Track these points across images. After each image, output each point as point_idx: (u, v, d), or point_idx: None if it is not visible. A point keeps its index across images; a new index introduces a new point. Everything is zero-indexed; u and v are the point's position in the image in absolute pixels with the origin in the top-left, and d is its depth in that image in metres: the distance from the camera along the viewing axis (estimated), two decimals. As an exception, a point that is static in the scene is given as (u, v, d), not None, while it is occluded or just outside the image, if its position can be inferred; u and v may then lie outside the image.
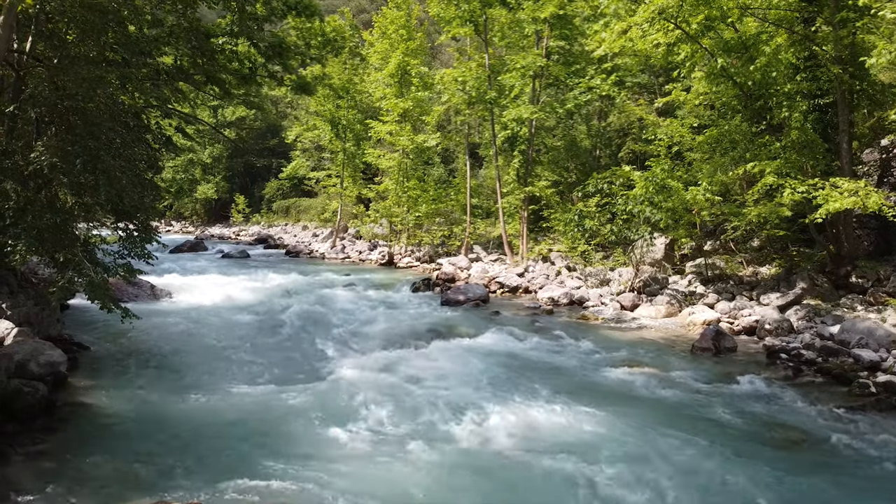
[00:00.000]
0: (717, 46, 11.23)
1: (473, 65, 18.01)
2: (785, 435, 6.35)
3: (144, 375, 7.61)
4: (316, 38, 12.06)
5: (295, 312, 11.28)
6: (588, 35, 14.00)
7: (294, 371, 7.96)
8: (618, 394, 7.39)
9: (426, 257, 21.11)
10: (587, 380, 7.92)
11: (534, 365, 8.49)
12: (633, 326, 11.04)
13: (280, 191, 40.23)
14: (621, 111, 20.72)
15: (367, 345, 9.37)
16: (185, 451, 5.37)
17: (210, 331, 10.10)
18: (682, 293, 12.30)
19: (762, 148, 11.33)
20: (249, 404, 6.66)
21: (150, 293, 13.20)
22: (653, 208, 11.72)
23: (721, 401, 7.18)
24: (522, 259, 17.44)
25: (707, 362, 8.79)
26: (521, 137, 18.24)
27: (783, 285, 11.71)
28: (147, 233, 8.76)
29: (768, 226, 11.08)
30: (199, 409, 6.50)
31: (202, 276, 16.29)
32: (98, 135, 7.29)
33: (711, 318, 10.71)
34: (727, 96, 12.22)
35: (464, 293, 13.39)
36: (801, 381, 8.01)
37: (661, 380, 7.87)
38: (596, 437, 6.00)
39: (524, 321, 11.39)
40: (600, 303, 12.80)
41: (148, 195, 8.51)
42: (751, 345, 9.83)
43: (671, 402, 7.09)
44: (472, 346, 9.36)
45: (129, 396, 6.73)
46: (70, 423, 5.78)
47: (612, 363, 8.52)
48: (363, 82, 25.63)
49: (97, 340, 9.15)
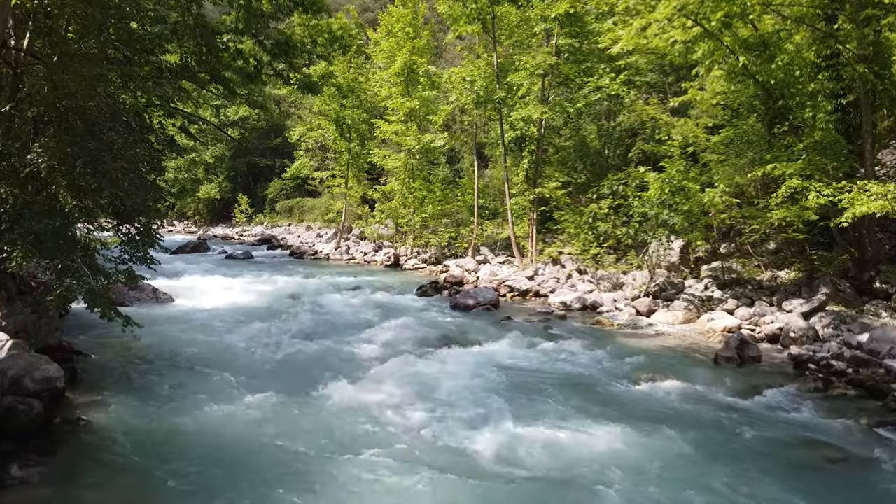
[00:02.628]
0: (737, 44, 10.87)
1: (482, 63, 17.65)
2: (821, 454, 6.01)
3: (146, 387, 7.29)
4: (323, 36, 11.72)
5: (300, 318, 10.97)
6: (602, 32, 13.61)
7: (301, 384, 7.61)
8: (641, 408, 7.05)
9: (432, 259, 20.77)
10: (607, 392, 7.57)
11: (551, 376, 8.15)
12: (651, 333, 10.69)
13: (283, 191, 39.93)
14: (630, 111, 20.35)
15: (375, 354, 9.03)
16: (189, 474, 5.05)
17: (214, 337, 9.78)
18: (698, 298, 11.95)
19: (784, 149, 10.97)
20: (256, 420, 6.33)
21: (153, 296, 12.90)
22: (670, 210, 11.36)
23: (750, 416, 6.83)
24: (532, 262, 17.09)
25: (731, 373, 8.44)
26: (529, 137, 17.88)
27: (805, 291, 11.35)
28: (149, 236, 8.44)
29: (790, 229, 10.71)
30: (202, 426, 6.17)
31: (205, 278, 16.00)
32: (99, 135, 6.98)
33: (731, 324, 10.36)
34: (746, 96, 11.86)
35: (473, 297, 13.05)
36: (833, 394, 7.64)
37: (686, 393, 7.52)
38: (620, 456, 5.66)
39: (537, 327, 11.05)
40: (615, 308, 12.45)
41: (150, 197, 8.18)
42: (775, 354, 9.48)
43: (698, 419, 6.73)
44: (484, 355, 9.02)
45: (129, 411, 6.40)
46: (66, 442, 5.45)
47: (633, 374, 8.17)
48: (368, 81, 25.30)
49: (98, 347, 8.83)
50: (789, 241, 13.03)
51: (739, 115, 15.15)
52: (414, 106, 21.51)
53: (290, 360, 8.54)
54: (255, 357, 8.63)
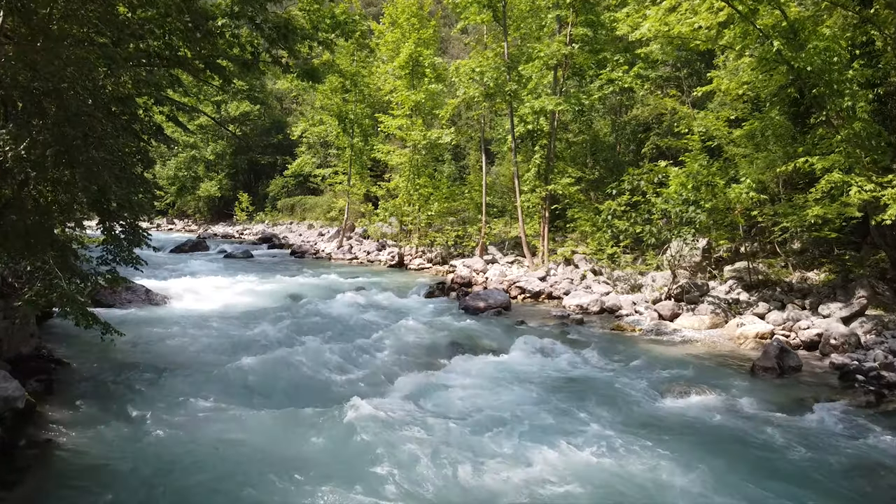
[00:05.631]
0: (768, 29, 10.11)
1: (491, 54, 16.88)
2: (888, 481, 5.30)
3: (128, 400, 6.56)
4: (325, 22, 11.01)
5: (300, 322, 10.25)
6: (619, 20, 12.84)
7: (301, 398, 6.90)
8: (677, 426, 6.33)
9: (438, 258, 20.04)
10: (639, 408, 6.84)
11: (574, 389, 7.43)
12: (677, 340, 9.95)
13: (285, 188, 39.21)
14: (645, 104, 19.59)
15: (382, 363, 8.32)
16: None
17: (207, 343, 9.06)
18: (724, 301, 11.20)
19: (818, 141, 10.22)
20: (249, 442, 5.62)
21: (145, 298, 12.20)
22: (695, 208, 10.62)
23: (801, 436, 6.10)
24: (543, 262, 16.35)
25: (771, 384, 7.71)
26: (542, 131, 17.11)
27: (840, 293, 10.60)
28: (135, 235, 7.74)
29: (826, 228, 9.96)
30: (188, 447, 5.47)
31: (202, 279, 15.29)
32: (75, 122, 6.27)
33: (764, 330, 9.62)
34: (776, 85, 11.09)
35: (484, 299, 12.33)
36: (888, 409, 6.92)
37: (726, 408, 6.80)
38: (663, 485, 4.95)
39: (554, 333, 10.31)
40: (634, 311, 11.70)
41: (136, 192, 7.47)
42: (814, 362, 8.74)
43: (743, 439, 6.01)
44: (500, 364, 8.30)
45: (106, 430, 5.69)
46: (29, 471, 4.74)
47: (665, 386, 7.44)
48: (371, 75, 24.56)
49: (80, 354, 8.10)
50: (817, 241, 12.28)
51: (760, 108, 14.40)
52: (419, 99, 20.76)
53: (288, 370, 7.81)
54: (249, 367, 7.88)
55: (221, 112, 38.42)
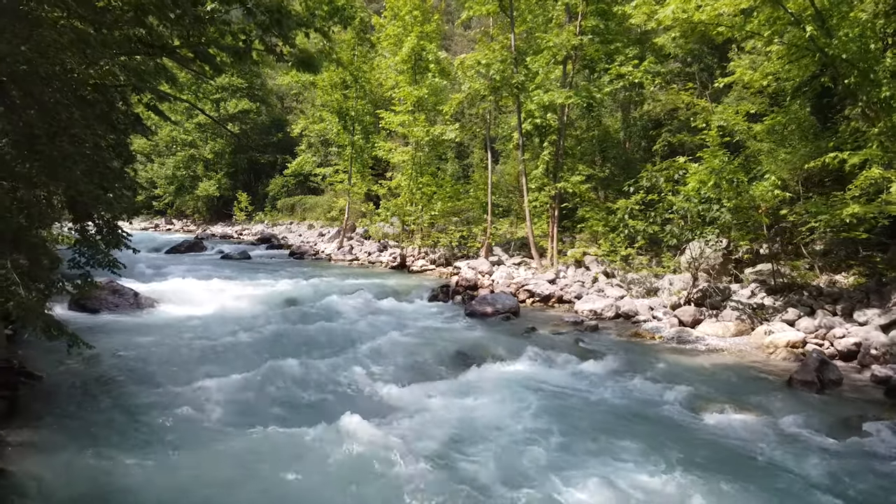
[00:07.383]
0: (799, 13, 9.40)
1: (497, 46, 16.17)
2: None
3: (101, 420, 5.89)
4: (322, 8, 10.34)
5: (294, 330, 9.55)
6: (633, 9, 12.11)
7: (296, 416, 6.22)
8: (715, 449, 5.63)
9: (442, 260, 19.33)
10: (670, 426, 6.14)
11: (594, 404, 6.74)
12: (701, 349, 9.23)
13: (285, 188, 38.50)
14: (656, 99, 18.85)
15: (384, 374, 7.62)
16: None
17: (196, 352, 8.35)
18: (749, 306, 10.48)
19: (851, 135, 9.51)
20: (236, 466, 4.95)
21: (133, 302, 11.52)
22: (719, 206, 9.90)
23: (854, 462, 5.41)
24: (552, 263, 15.64)
25: (813, 400, 6.99)
26: (550, 127, 16.39)
27: (874, 298, 9.87)
28: (113, 235, 7.07)
29: (862, 227, 9.24)
30: (165, 472, 4.80)
31: (196, 281, 14.58)
32: (42, 109, 5.60)
33: (795, 338, 8.91)
34: (804, 74, 10.37)
35: (491, 304, 11.62)
36: (947, 431, 6.21)
37: (767, 428, 6.10)
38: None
39: (567, 340, 9.61)
40: (652, 317, 10.99)
41: (112, 188, 6.79)
42: (854, 375, 8.02)
43: (793, 466, 5.30)
44: (511, 376, 7.60)
45: (72, 456, 5.02)
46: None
47: (696, 402, 6.74)
48: (373, 70, 23.85)
49: (56, 365, 7.40)
50: (844, 241, 11.55)
51: (779, 102, 13.67)
52: (422, 95, 20.05)
53: (277, 384, 7.10)
54: (240, 379, 7.17)
55: (220, 110, 37.75)
